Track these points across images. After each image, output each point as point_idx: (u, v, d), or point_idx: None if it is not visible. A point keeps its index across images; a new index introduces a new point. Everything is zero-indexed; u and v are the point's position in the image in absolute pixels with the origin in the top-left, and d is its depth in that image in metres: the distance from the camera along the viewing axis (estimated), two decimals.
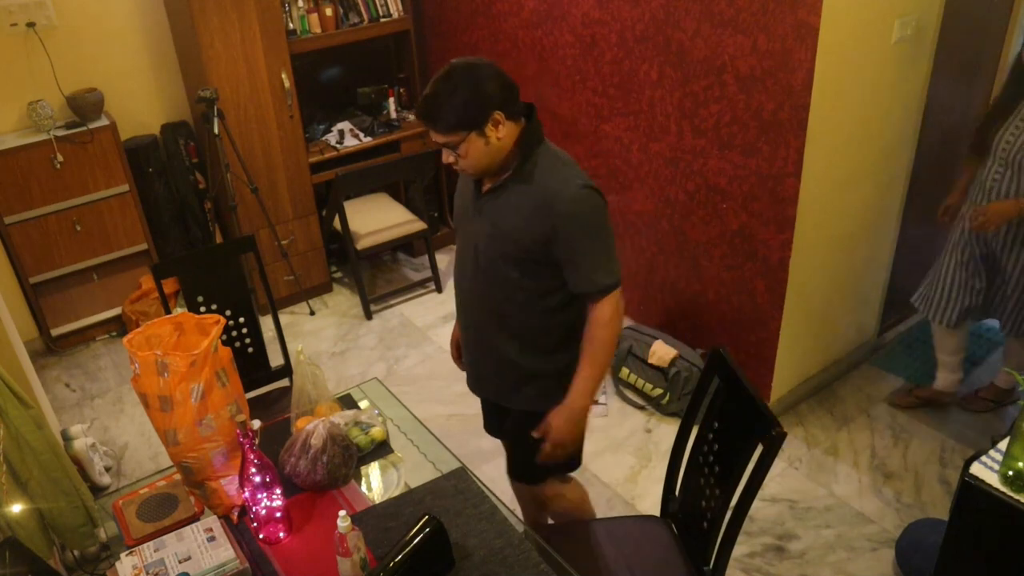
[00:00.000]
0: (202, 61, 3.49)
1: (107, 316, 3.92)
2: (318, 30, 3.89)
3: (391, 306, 4.12)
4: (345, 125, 4.18)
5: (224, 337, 2.50)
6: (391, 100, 4.21)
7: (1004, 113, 2.61)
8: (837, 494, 2.79)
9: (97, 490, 2.91)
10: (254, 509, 1.74)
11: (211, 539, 1.70)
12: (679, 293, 3.30)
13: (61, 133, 3.49)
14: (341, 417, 2.04)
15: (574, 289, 1.85)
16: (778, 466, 2.91)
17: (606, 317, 1.83)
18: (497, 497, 1.87)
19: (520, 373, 2.00)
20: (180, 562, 1.65)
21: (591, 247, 1.80)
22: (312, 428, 1.90)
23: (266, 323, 2.80)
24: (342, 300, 4.23)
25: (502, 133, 1.75)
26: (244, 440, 1.67)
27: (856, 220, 3.00)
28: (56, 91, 3.60)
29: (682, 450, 2.09)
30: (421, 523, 1.60)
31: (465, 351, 2.16)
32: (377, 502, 1.88)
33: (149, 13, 3.79)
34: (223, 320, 1.85)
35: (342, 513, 1.55)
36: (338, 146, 4.03)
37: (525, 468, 2.16)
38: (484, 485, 1.90)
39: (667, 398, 3.17)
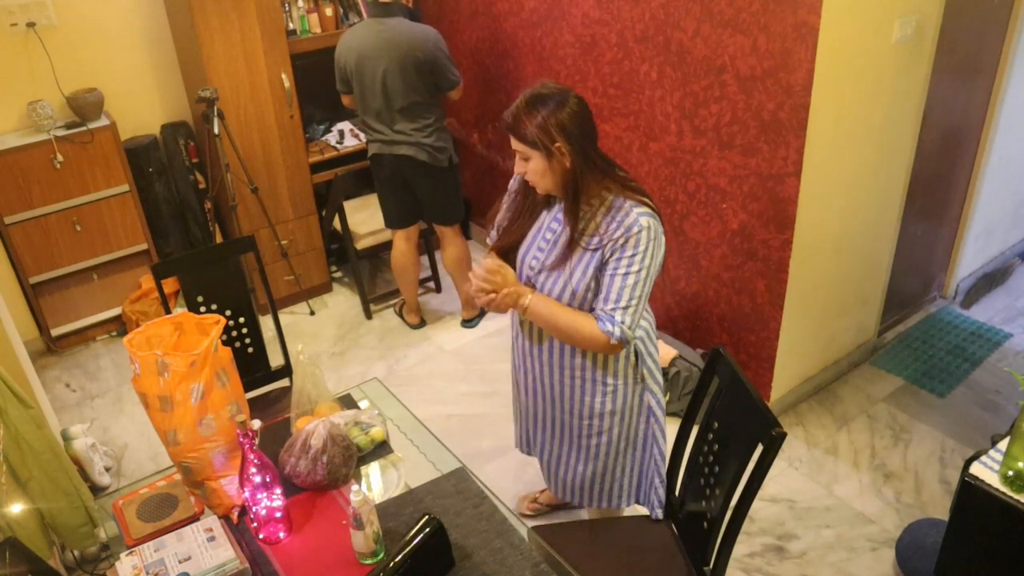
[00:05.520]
0: (202, 61, 3.49)
1: (107, 316, 3.93)
2: (318, 30, 3.89)
3: (391, 306, 4.11)
4: (345, 125, 4.18)
5: (224, 337, 2.50)
6: None
7: None
8: (837, 494, 2.79)
9: (97, 490, 2.91)
10: (254, 509, 1.74)
11: (211, 539, 1.70)
12: (679, 293, 3.30)
13: (61, 133, 3.50)
14: (341, 417, 2.04)
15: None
16: (778, 466, 2.91)
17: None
18: (497, 497, 1.87)
19: None
20: (180, 562, 1.65)
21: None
22: (312, 428, 1.90)
23: (266, 323, 2.80)
24: (342, 300, 4.23)
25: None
26: (244, 440, 1.67)
27: (856, 220, 2.99)
28: (56, 91, 3.60)
29: (682, 450, 2.09)
30: (421, 523, 1.60)
31: None
32: (377, 502, 1.88)
33: (149, 13, 3.79)
34: (223, 320, 1.86)
35: (355, 488, 1.60)
36: (338, 146, 4.03)
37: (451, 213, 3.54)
38: (484, 485, 1.90)
39: (667, 398, 3.17)
